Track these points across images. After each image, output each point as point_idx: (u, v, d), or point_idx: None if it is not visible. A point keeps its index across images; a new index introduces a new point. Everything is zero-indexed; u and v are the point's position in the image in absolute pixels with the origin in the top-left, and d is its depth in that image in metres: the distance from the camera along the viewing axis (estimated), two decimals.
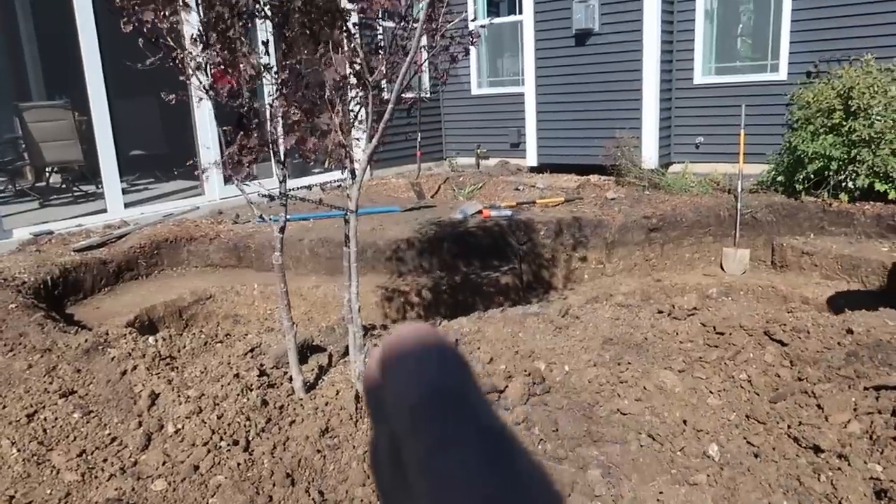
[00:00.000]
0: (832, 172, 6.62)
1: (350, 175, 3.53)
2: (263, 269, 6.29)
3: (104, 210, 7.08)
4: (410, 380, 0.27)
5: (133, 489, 2.58)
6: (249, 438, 2.89)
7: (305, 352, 3.79)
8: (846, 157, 6.51)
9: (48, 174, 8.44)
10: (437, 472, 0.25)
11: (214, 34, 3.20)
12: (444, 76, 4.73)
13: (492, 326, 3.79)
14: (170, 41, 3.15)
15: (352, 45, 3.53)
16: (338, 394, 3.24)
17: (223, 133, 3.39)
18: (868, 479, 2.32)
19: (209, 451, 2.76)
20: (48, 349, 3.67)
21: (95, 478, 2.66)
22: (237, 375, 3.38)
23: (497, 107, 10.24)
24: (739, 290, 6.46)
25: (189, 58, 3.17)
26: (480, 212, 6.97)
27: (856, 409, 2.72)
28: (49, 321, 4.28)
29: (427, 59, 4.14)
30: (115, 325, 4.14)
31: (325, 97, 3.38)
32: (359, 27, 3.65)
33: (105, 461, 2.76)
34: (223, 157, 3.35)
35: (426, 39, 3.74)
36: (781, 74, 8.07)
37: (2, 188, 8.70)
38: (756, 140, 7.67)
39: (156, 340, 3.91)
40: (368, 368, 0.30)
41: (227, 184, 7.11)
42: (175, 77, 3.20)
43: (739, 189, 6.96)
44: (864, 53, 7.08)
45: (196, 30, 3.17)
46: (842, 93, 6.60)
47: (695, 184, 7.74)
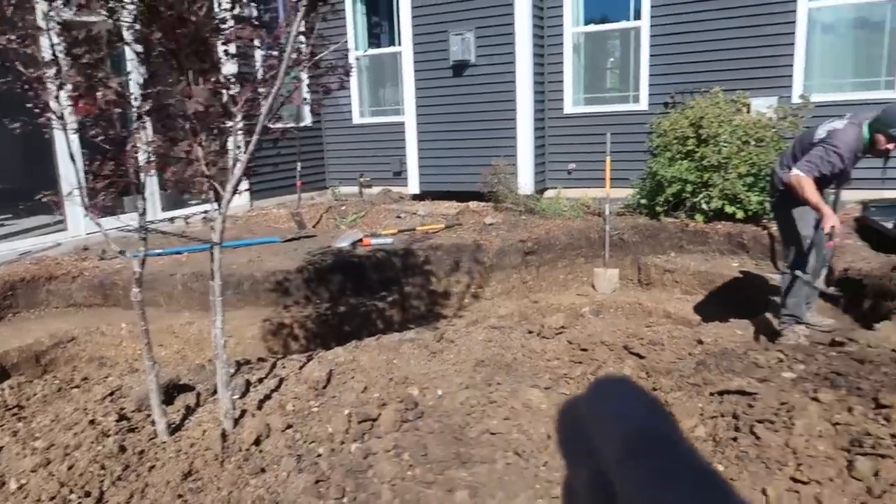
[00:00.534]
0: (688, 195, 7.15)
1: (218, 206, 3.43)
2: (132, 308, 5.96)
3: None
4: (625, 420, 0.30)
5: None
6: (103, 489, 2.71)
7: (172, 392, 3.61)
8: (700, 181, 7.06)
9: None
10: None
11: (69, 59, 3.05)
12: (317, 106, 4.73)
13: (367, 355, 3.78)
14: (20, 67, 2.97)
15: (216, 76, 3.47)
16: (204, 433, 3.11)
17: (87, 163, 3.21)
18: None
19: None
20: None
21: None
22: (93, 422, 3.17)
23: (379, 135, 10.32)
24: (610, 308, 6.81)
25: (41, 83, 3.00)
26: (361, 240, 6.97)
27: (702, 414, 2.93)
28: None
29: (294, 91, 4.13)
30: None
31: (188, 127, 3.30)
32: (231, 56, 3.59)
33: None
34: (80, 189, 3.17)
35: (306, 71, 3.74)
36: (642, 105, 8.67)
37: None
38: (622, 166, 8.17)
39: (2, 390, 3.60)
40: (568, 408, 0.34)
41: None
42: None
43: (607, 212, 7.37)
44: (713, 86, 7.73)
45: (49, 54, 3.01)
46: (694, 122, 7.17)
47: (567, 208, 8.12)
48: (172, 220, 7.14)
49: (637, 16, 8.52)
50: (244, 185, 9.01)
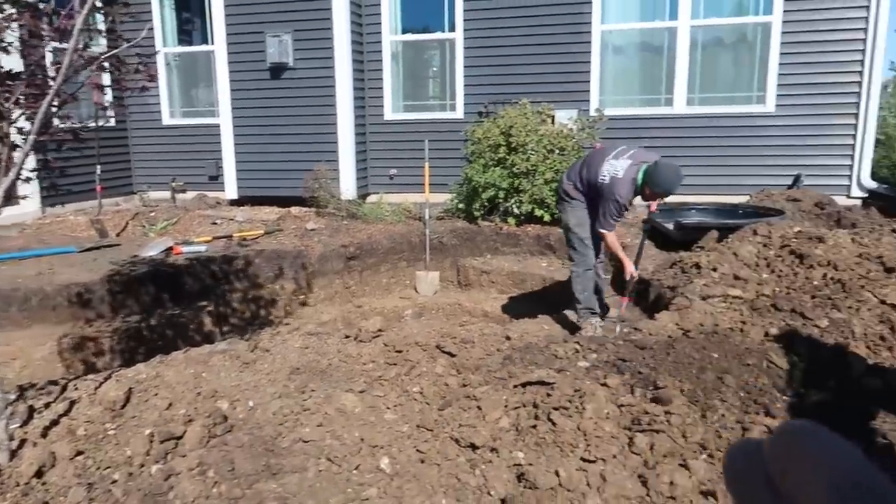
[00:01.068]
0: (501, 200, 7.55)
1: None
2: None
3: None
4: (832, 473, 0.30)
5: None
6: None
7: None
8: (511, 187, 7.49)
9: None
10: None
11: None
12: (117, 107, 4.38)
13: (172, 369, 3.56)
14: None
15: None
16: None
17: None
18: (512, 466, 2.65)
19: None
20: None
21: None
22: None
23: (192, 138, 9.78)
24: (432, 310, 7.00)
25: None
26: (172, 248, 6.55)
27: (506, 406, 3.10)
28: None
29: (95, 89, 3.81)
30: None
31: None
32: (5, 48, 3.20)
33: None
34: None
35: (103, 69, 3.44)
36: (459, 113, 9.02)
37: None
38: (441, 172, 8.45)
39: None
40: (746, 450, 0.34)
41: None
42: None
43: (427, 217, 7.57)
44: (522, 98, 8.24)
45: None
46: (504, 131, 7.59)
47: (389, 213, 8.24)
48: None
49: (452, 28, 8.85)
50: (30, 189, 8.12)
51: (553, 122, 8.00)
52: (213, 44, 9.09)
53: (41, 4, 3.35)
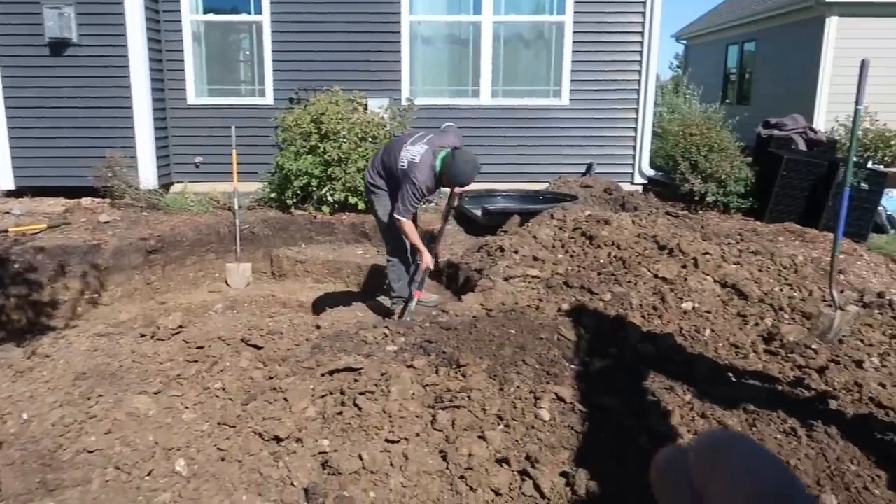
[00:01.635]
0: (314, 188, 7.43)
1: None
2: None
3: None
4: (753, 483, 0.31)
5: None
6: None
7: None
8: (325, 175, 7.39)
9: None
10: None
11: None
12: None
13: None
14: None
15: None
16: None
17: None
18: (317, 454, 2.63)
19: None
20: None
21: None
22: None
23: None
24: (244, 303, 6.74)
25: None
26: None
27: (313, 395, 3.07)
28: None
29: None
30: None
31: None
32: None
33: None
34: None
35: None
36: (268, 99, 8.72)
37: None
38: (251, 160, 8.12)
39: None
40: (674, 457, 0.34)
41: None
42: None
43: (237, 206, 7.25)
44: (334, 85, 8.14)
45: None
46: (315, 118, 7.46)
47: (195, 203, 7.78)
48: None
49: (259, 10, 8.52)
50: None
51: (365, 111, 8.01)
52: None
53: None
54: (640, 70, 8.66)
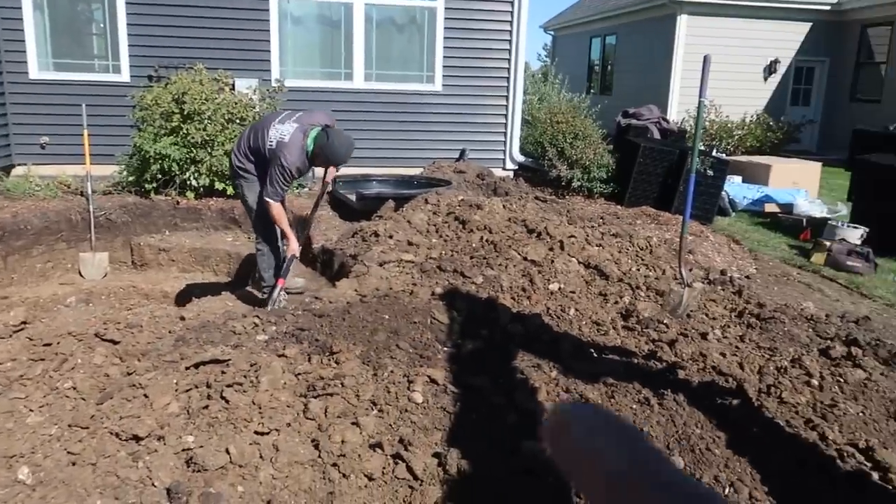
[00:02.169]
0: (177, 172, 7.03)
1: None
2: None
3: None
4: (609, 450, 0.31)
5: None
6: None
7: None
8: (188, 158, 7.01)
9: None
10: None
11: None
12: None
13: None
14: None
15: None
16: None
17: None
18: (181, 451, 2.51)
19: None
20: None
21: None
22: None
23: None
24: (101, 296, 6.28)
25: None
26: None
27: (177, 390, 2.92)
28: None
29: None
30: None
31: None
32: None
33: None
34: None
35: None
36: (124, 76, 8.14)
37: None
38: (104, 141, 7.55)
39: None
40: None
41: None
42: None
43: (90, 191, 6.72)
44: (197, 63, 7.71)
45: None
46: (177, 97, 7.04)
47: (41, 187, 7.13)
48: None
49: None
50: None
51: (233, 91, 7.67)
52: None
53: None
54: (510, 59, 8.88)
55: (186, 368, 3.07)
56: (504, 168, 9.19)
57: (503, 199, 6.25)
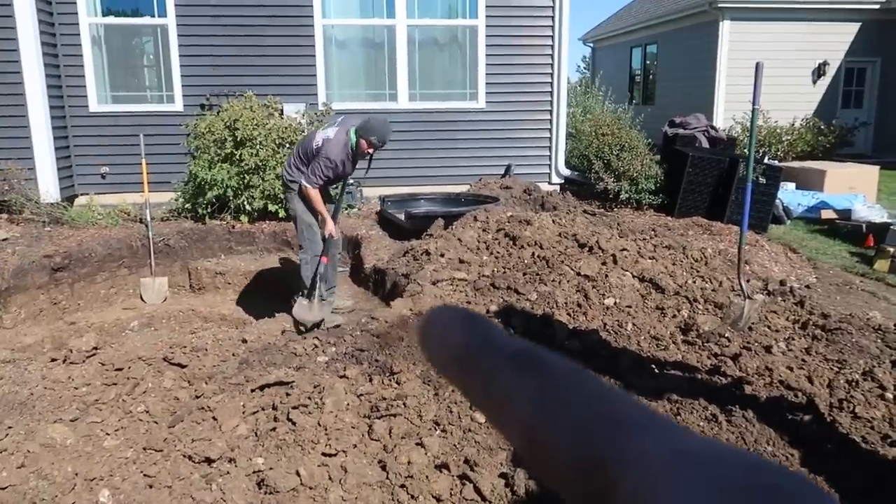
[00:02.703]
0: (231, 197, 7.21)
1: None
2: None
3: None
4: (452, 336, 0.33)
5: None
6: None
7: None
8: (242, 183, 7.19)
9: None
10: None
11: None
12: None
13: None
14: None
15: None
16: None
17: None
18: (252, 473, 2.56)
19: None
20: None
21: None
22: None
23: None
24: (162, 319, 6.46)
25: None
26: None
27: (244, 412, 2.99)
28: None
29: None
30: None
31: None
32: None
33: None
34: None
35: None
36: (178, 106, 8.40)
37: None
38: (161, 169, 7.80)
39: None
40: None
41: None
42: None
43: (149, 218, 6.95)
44: (247, 90, 7.92)
45: None
46: (229, 124, 7.24)
47: (103, 216, 7.40)
48: None
49: (163, 13, 8.19)
50: None
51: (282, 116, 7.85)
52: None
53: None
54: (552, 73, 8.88)
55: (252, 391, 3.14)
56: (550, 182, 9.16)
57: (552, 214, 6.22)
